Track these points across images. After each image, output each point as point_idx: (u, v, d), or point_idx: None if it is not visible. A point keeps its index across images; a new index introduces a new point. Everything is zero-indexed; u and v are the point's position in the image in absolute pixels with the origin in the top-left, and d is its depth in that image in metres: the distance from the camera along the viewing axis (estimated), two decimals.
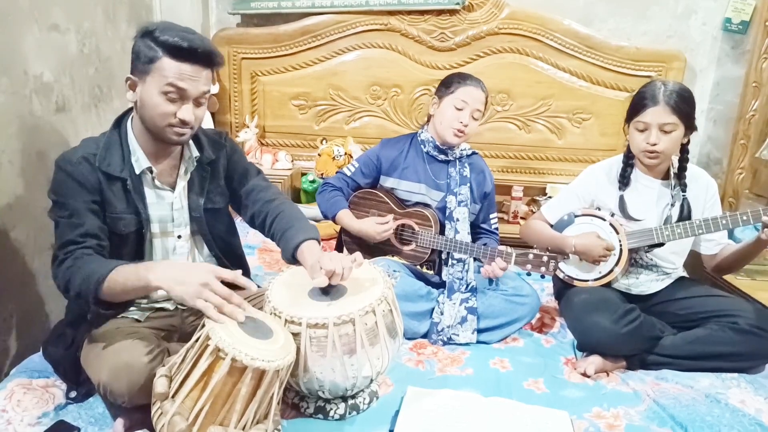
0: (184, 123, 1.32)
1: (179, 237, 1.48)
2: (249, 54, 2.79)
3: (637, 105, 1.73)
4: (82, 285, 1.23)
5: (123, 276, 1.22)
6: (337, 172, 2.16)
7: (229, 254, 1.60)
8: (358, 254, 1.41)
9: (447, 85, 1.98)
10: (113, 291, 1.23)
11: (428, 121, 2.04)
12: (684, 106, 1.69)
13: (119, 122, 1.43)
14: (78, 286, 1.24)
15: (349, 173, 2.07)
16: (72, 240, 1.30)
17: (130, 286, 1.22)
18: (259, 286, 1.68)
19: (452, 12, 2.63)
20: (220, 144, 1.55)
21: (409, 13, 2.66)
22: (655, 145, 1.69)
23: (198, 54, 1.29)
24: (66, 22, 1.92)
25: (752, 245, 1.73)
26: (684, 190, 1.79)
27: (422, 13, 2.65)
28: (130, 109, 1.44)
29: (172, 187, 1.46)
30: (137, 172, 1.39)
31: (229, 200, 1.58)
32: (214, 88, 2.73)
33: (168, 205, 1.45)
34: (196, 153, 1.47)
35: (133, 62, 1.34)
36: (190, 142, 1.47)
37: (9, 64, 1.68)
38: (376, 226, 1.95)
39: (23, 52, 1.73)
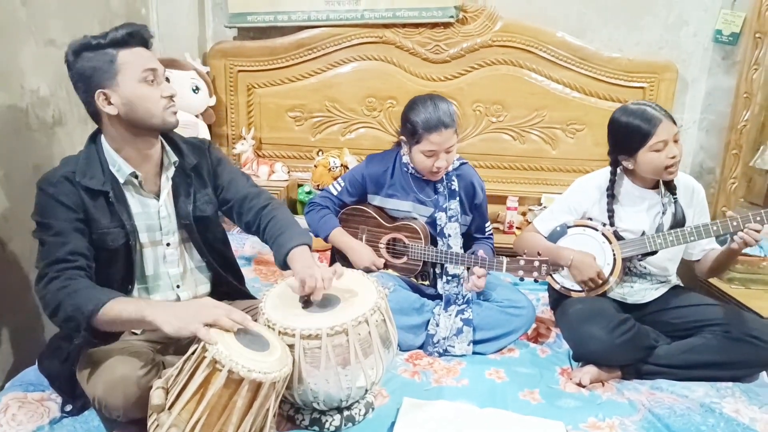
0: (172, 98, 1.38)
1: (168, 245, 1.48)
2: (245, 67, 2.81)
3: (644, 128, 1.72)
4: (75, 312, 1.22)
5: (120, 307, 1.22)
6: (323, 190, 2.14)
7: (222, 262, 1.60)
8: (337, 265, 1.41)
9: (411, 131, 1.86)
10: (107, 320, 1.22)
11: (398, 144, 2.00)
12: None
13: (94, 138, 1.43)
14: (70, 312, 1.23)
15: (335, 192, 2.06)
16: (62, 258, 1.29)
17: (126, 317, 1.22)
18: (254, 298, 1.70)
19: (446, 25, 2.66)
20: (201, 149, 1.56)
21: (404, 25, 2.69)
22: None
23: (139, 35, 1.35)
24: (63, 36, 1.94)
25: (727, 253, 1.74)
26: (674, 193, 1.81)
27: (417, 26, 2.68)
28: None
29: (157, 195, 1.46)
30: (121, 180, 1.39)
31: (218, 208, 1.58)
32: (211, 101, 2.75)
33: (154, 214, 1.45)
34: (174, 158, 1.48)
35: (92, 79, 1.32)
36: (168, 148, 1.48)
37: (6, 78, 1.69)
38: (369, 255, 1.95)
39: (20, 67, 1.75)
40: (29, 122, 1.79)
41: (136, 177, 1.41)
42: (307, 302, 1.40)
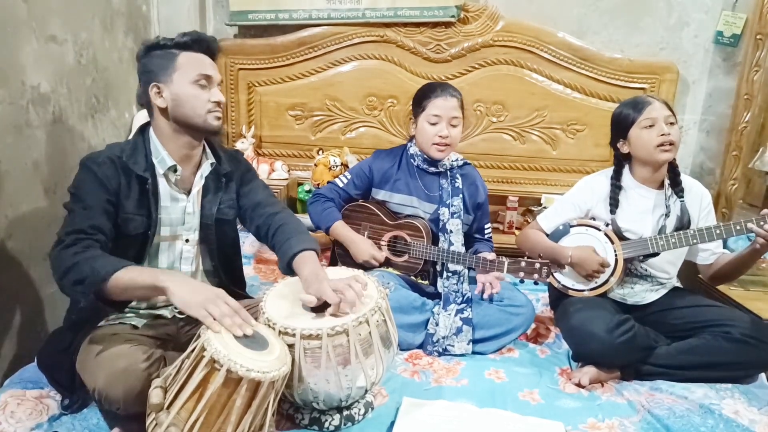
0: (218, 104, 1.46)
1: (187, 241, 1.52)
2: (246, 65, 2.80)
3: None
4: (90, 273, 1.24)
5: (136, 272, 1.26)
6: (328, 183, 2.16)
7: (229, 268, 1.64)
8: (360, 275, 1.40)
9: (417, 103, 1.99)
10: (119, 285, 1.24)
11: (411, 139, 2.07)
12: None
13: (143, 128, 1.51)
14: (85, 273, 1.25)
15: (341, 184, 2.07)
16: (82, 229, 1.33)
17: (140, 282, 1.25)
18: (252, 297, 1.70)
19: (447, 24, 2.65)
20: (238, 160, 1.65)
21: (405, 25, 2.68)
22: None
23: (203, 43, 1.47)
24: (63, 33, 1.93)
25: (747, 254, 1.74)
26: (681, 197, 1.81)
27: (418, 25, 2.67)
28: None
29: (188, 192, 1.52)
30: (161, 171, 1.46)
31: (237, 213, 1.63)
32: None
33: (181, 209, 1.50)
34: (212, 160, 1.55)
35: (152, 73, 1.44)
36: (208, 151, 1.56)
37: (7, 74, 1.69)
38: (369, 249, 1.96)
39: (21, 63, 1.74)
40: (29, 119, 1.78)
41: (175, 171, 1.47)
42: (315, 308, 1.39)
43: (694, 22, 2.63)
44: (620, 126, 1.84)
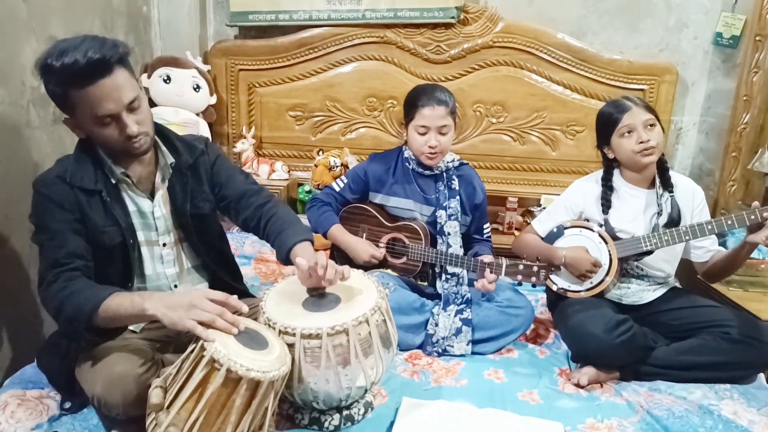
0: (131, 137, 1.30)
1: (164, 245, 1.47)
2: (246, 66, 2.81)
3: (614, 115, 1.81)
4: (76, 312, 1.23)
5: (117, 302, 1.23)
6: (325, 187, 2.17)
7: (220, 260, 1.59)
8: (346, 267, 1.41)
9: (406, 110, 1.97)
10: (106, 317, 1.23)
11: (406, 142, 2.05)
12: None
13: (84, 141, 1.39)
14: (71, 313, 1.23)
15: (338, 189, 2.08)
16: (58, 261, 1.28)
17: (123, 312, 1.22)
18: (254, 296, 1.70)
19: (447, 25, 2.66)
20: (197, 148, 1.53)
21: (405, 26, 2.69)
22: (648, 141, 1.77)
23: (93, 68, 1.20)
24: (64, 33, 1.93)
25: (740, 249, 1.74)
26: (671, 193, 1.82)
27: (418, 26, 2.68)
28: None
29: (151, 195, 1.45)
30: (113, 181, 1.38)
31: (215, 206, 1.57)
32: (212, 99, 2.75)
33: (149, 214, 1.44)
34: (171, 159, 1.45)
35: (57, 105, 1.30)
36: (164, 149, 1.45)
37: (7, 74, 1.69)
38: (368, 248, 1.96)
39: (21, 63, 1.75)
40: (30, 119, 1.79)
41: (128, 177, 1.40)
42: (312, 296, 1.40)
43: (694, 24, 2.63)
44: (603, 129, 1.85)
